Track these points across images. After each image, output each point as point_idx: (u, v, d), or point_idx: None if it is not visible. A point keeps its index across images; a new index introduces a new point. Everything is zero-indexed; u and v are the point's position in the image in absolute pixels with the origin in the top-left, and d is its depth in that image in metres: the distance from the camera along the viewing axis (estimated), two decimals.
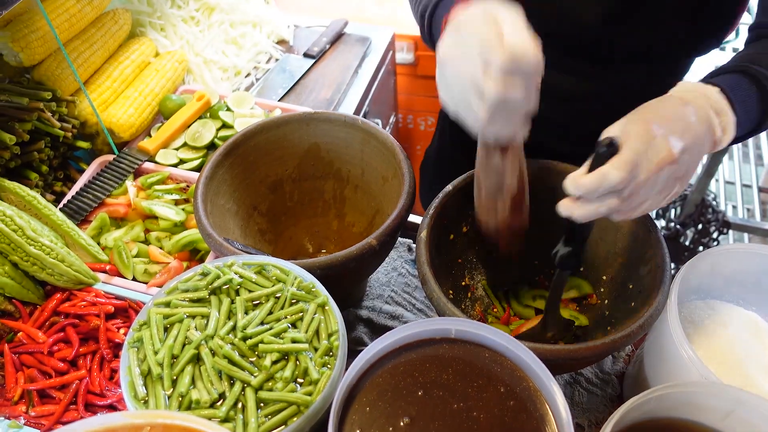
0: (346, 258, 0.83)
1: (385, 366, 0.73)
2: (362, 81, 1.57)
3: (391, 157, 0.98)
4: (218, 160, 0.98)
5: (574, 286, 0.96)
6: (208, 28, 1.52)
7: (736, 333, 0.86)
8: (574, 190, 0.67)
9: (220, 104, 1.31)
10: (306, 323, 0.74)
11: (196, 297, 0.77)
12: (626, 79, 0.96)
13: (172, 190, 1.15)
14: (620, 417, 0.65)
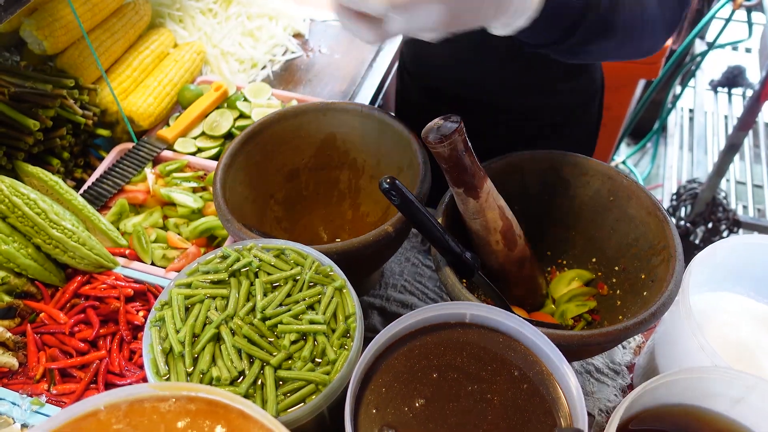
0: (362, 244, 0.84)
1: (401, 349, 0.74)
2: (376, 75, 1.58)
3: (406, 147, 0.99)
4: (237, 147, 1.00)
5: (575, 277, 0.97)
6: (226, 20, 1.54)
7: (747, 324, 0.87)
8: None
9: (238, 95, 1.33)
10: (324, 305, 0.75)
11: (216, 279, 0.78)
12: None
13: (190, 177, 1.17)
14: (630, 402, 0.66)
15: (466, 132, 0.79)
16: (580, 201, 0.96)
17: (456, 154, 0.79)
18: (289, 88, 1.51)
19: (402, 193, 0.75)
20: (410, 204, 0.76)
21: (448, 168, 0.81)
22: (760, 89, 1.83)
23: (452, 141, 0.78)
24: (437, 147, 0.78)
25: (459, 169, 0.81)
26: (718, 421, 0.73)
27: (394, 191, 0.74)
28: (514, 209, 0.95)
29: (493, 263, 0.91)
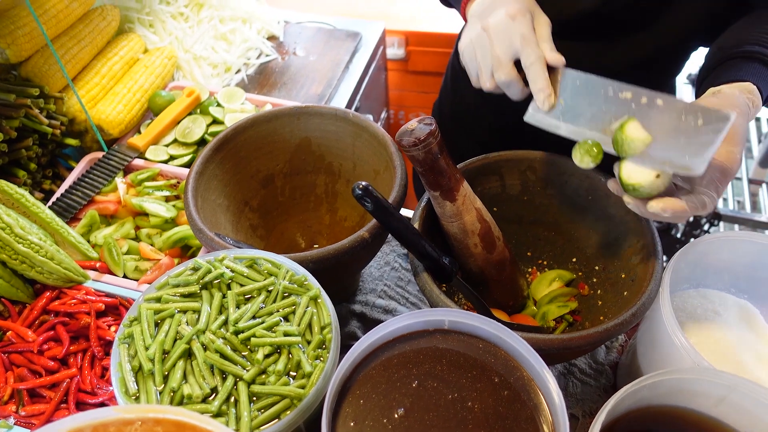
0: (338, 251, 0.82)
1: (379, 358, 0.72)
2: (353, 76, 1.57)
3: (382, 150, 0.98)
4: (209, 155, 0.97)
5: (555, 278, 0.96)
6: (198, 24, 1.51)
7: (728, 320, 0.86)
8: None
9: (211, 100, 1.30)
10: (298, 316, 0.73)
11: (187, 292, 0.76)
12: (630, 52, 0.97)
13: (163, 186, 1.14)
14: (614, 405, 0.65)
15: (441, 135, 0.77)
16: (560, 200, 0.95)
17: (431, 157, 0.77)
18: (264, 91, 1.48)
19: (375, 198, 0.73)
20: (384, 210, 0.74)
21: (424, 171, 0.80)
22: None
23: (427, 144, 0.76)
24: (411, 150, 0.77)
25: (434, 172, 0.80)
26: (701, 420, 0.72)
27: (367, 197, 0.72)
28: (492, 210, 0.94)
29: (473, 266, 0.90)
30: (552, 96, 0.78)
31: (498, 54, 0.78)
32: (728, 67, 0.81)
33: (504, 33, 0.77)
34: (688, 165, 0.68)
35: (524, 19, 0.77)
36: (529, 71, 0.77)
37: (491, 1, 0.81)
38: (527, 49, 0.76)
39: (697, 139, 0.68)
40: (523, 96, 0.81)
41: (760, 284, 0.87)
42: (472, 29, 0.81)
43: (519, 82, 0.79)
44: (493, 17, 0.78)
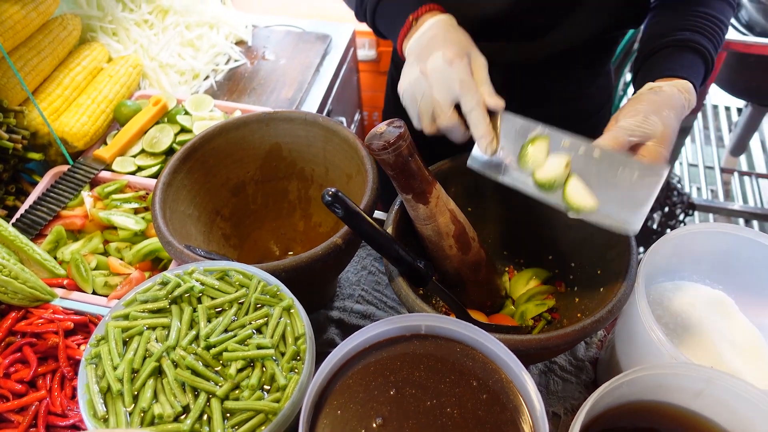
0: (311, 259, 0.81)
1: (356, 367, 0.71)
2: (324, 79, 1.55)
3: (354, 154, 0.96)
4: (176, 165, 0.95)
5: (532, 276, 0.96)
6: (163, 31, 1.48)
7: (705, 312, 0.87)
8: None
9: (178, 108, 1.28)
10: (271, 328, 0.72)
11: (155, 307, 0.74)
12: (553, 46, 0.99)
13: (131, 198, 1.11)
14: (592, 404, 0.64)
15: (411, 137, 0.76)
16: (534, 198, 0.95)
17: (401, 160, 0.76)
18: (234, 97, 1.46)
19: (346, 204, 0.72)
20: (355, 216, 0.73)
21: (395, 175, 0.79)
22: None
23: (396, 147, 0.75)
24: (381, 154, 0.76)
25: (406, 175, 0.79)
26: (680, 414, 0.72)
27: (337, 204, 0.71)
28: (467, 211, 0.93)
29: (449, 268, 0.89)
30: (494, 141, 0.78)
31: (438, 99, 0.78)
32: (663, 58, 0.84)
33: (442, 78, 0.77)
34: (625, 222, 0.72)
35: (461, 63, 0.76)
36: (469, 117, 0.77)
37: (428, 40, 0.80)
38: (467, 94, 0.76)
39: (633, 194, 0.71)
40: (465, 139, 0.81)
41: (734, 275, 0.87)
42: (411, 72, 0.80)
43: (461, 127, 0.79)
44: (431, 62, 0.77)
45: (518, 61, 1.01)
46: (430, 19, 0.83)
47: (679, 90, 0.79)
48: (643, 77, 0.84)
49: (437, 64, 0.77)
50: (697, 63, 0.83)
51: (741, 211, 2.22)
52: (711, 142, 2.63)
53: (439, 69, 0.77)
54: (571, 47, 0.98)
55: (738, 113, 2.69)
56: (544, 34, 0.96)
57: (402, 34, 0.85)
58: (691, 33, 0.85)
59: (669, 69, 0.81)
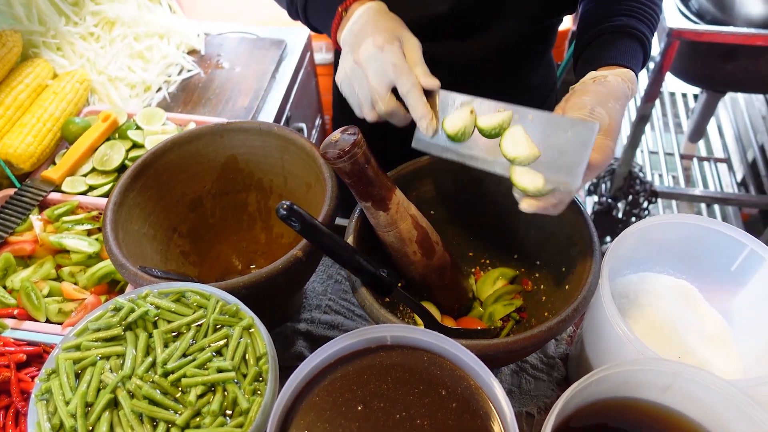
0: (271, 274, 0.78)
1: (321, 383, 0.69)
2: (281, 85, 1.52)
3: (311, 162, 0.94)
4: (127, 183, 0.92)
5: (498, 276, 0.95)
6: (110, 44, 1.44)
7: (670, 303, 0.87)
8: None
9: (129, 123, 1.24)
10: (232, 349, 0.69)
11: (109, 335, 0.71)
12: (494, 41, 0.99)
13: (83, 219, 1.07)
14: (562, 406, 0.63)
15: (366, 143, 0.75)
16: (495, 197, 0.94)
17: (358, 167, 0.74)
18: (188, 109, 1.42)
19: (302, 218, 0.69)
20: (313, 228, 0.71)
21: (352, 183, 0.77)
22: (661, 61, 1.89)
23: (352, 154, 0.73)
24: (337, 162, 0.74)
25: (364, 183, 0.77)
26: (649, 409, 0.72)
27: (293, 217, 0.69)
28: (429, 214, 0.92)
29: (414, 274, 0.88)
30: (433, 120, 0.78)
31: (374, 86, 0.77)
32: (602, 45, 0.85)
33: (375, 64, 0.76)
34: (565, 180, 0.72)
35: (392, 47, 0.76)
36: (407, 99, 0.77)
37: (359, 29, 0.80)
38: (401, 77, 0.76)
39: (569, 153, 0.71)
40: (407, 122, 0.81)
41: (697, 264, 0.88)
42: (346, 62, 0.81)
43: (400, 110, 0.79)
44: (363, 49, 0.78)
45: (463, 59, 1.01)
46: (359, 8, 0.82)
47: (623, 79, 0.80)
48: (585, 66, 0.85)
49: (369, 51, 0.77)
50: (636, 49, 0.85)
51: (702, 196, 2.27)
52: (670, 129, 2.68)
53: (372, 56, 0.77)
54: (509, 39, 0.99)
55: (695, 99, 2.75)
56: (486, 29, 0.97)
57: (334, 26, 0.85)
58: (627, 18, 0.86)
59: (610, 57, 0.82)
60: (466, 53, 1.00)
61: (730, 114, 2.67)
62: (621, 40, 0.85)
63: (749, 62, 1.87)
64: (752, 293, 0.85)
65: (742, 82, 1.95)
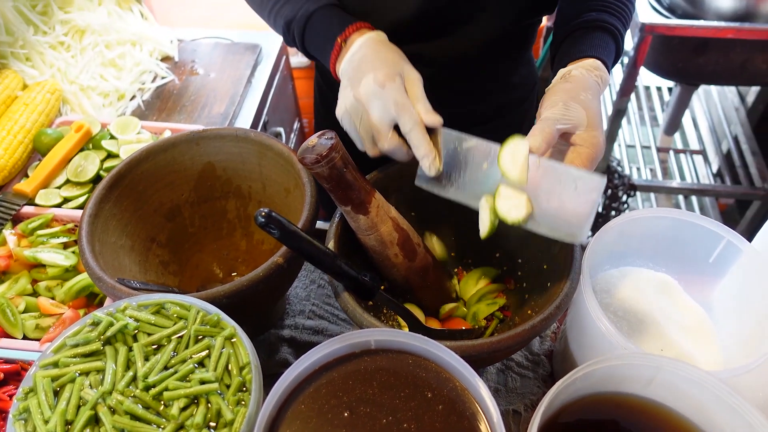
0: (252, 282, 0.77)
1: (306, 391, 0.69)
2: (257, 90, 1.51)
3: (290, 167, 0.94)
4: (102, 194, 0.90)
5: (481, 276, 0.95)
6: (81, 53, 1.41)
7: (651, 296, 0.88)
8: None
9: (103, 133, 1.21)
10: (214, 360, 0.68)
11: (88, 351, 0.69)
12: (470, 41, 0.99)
13: (59, 233, 1.05)
14: (548, 404, 0.64)
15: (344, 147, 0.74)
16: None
17: (336, 172, 0.74)
18: (164, 116, 1.40)
19: (281, 224, 0.69)
20: (292, 235, 0.70)
21: (331, 187, 0.76)
22: (635, 55, 1.91)
23: (330, 159, 0.72)
24: (315, 168, 0.73)
25: (343, 187, 0.76)
26: (634, 402, 0.72)
27: (271, 224, 0.68)
28: (410, 216, 0.92)
29: (396, 277, 0.87)
30: (436, 160, 0.78)
31: (375, 124, 0.77)
32: (573, 42, 0.86)
33: (377, 102, 0.75)
34: (572, 234, 0.72)
35: (394, 84, 0.75)
36: (409, 138, 0.76)
37: (358, 61, 0.79)
38: (404, 115, 0.75)
39: (575, 207, 0.71)
40: (409, 158, 0.80)
41: (675, 256, 0.89)
42: (347, 97, 0.79)
43: (403, 147, 0.78)
44: (364, 86, 0.76)
45: (439, 59, 1.00)
46: (359, 39, 0.82)
47: (587, 70, 0.80)
48: (558, 64, 0.86)
49: (369, 87, 0.76)
50: (606, 40, 0.85)
51: (680, 188, 2.30)
52: (646, 122, 2.71)
53: (372, 93, 0.76)
54: (488, 39, 0.99)
55: (669, 93, 2.79)
56: (459, 30, 0.96)
57: (333, 57, 0.84)
58: (597, 13, 0.87)
59: (579, 51, 0.83)
60: (446, 53, 1.00)
61: (704, 106, 2.71)
62: (592, 33, 0.86)
63: (720, 55, 1.90)
64: (730, 284, 0.86)
65: (714, 74, 1.98)
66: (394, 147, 0.78)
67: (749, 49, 1.86)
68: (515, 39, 1.05)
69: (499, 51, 1.04)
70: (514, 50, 1.08)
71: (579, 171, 0.71)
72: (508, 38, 1.02)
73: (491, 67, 1.07)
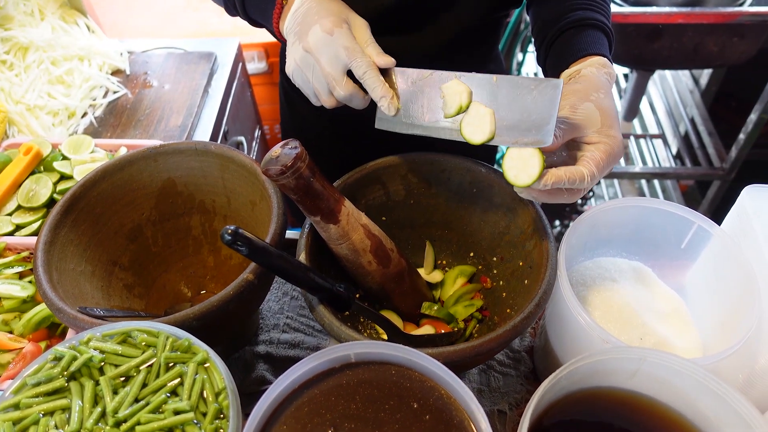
0: (223, 300, 0.74)
1: (287, 410, 0.66)
2: (215, 100, 1.47)
3: (254, 179, 0.91)
4: (57, 219, 0.86)
5: (458, 275, 0.94)
6: (25, 71, 1.35)
7: (626, 285, 0.88)
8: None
9: (54, 154, 1.16)
10: (188, 388, 0.65)
11: (51, 389, 0.65)
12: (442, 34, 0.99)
13: (12, 262, 1.00)
14: (535, 405, 0.63)
15: (310, 155, 0.72)
16: (446, 198, 0.93)
17: (303, 182, 0.72)
18: (119, 132, 1.35)
19: (249, 241, 0.66)
20: (261, 251, 0.67)
21: (299, 198, 0.74)
22: None
23: (295, 169, 0.70)
24: (280, 179, 0.70)
25: (311, 197, 0.74)
26: (618, 395, 0.72)
27: (239, 242, 0.65)
28: (381, 221, 0.90)
29: (372, 284, 0.85)
30: (395, 99, 0.78)
31: (329, 72, 0.76)
32: (568, 41, 0.85)
33: (327, 50, 0.75)
34: (537, 139, 0.70)
35: (341, 30, 0.75)
36: (364, 81, 0.76)
37: (303, 15, 0.78)
38: (356, 59, 0.75)
39: (538, 109, 0.71)
40: (366, 104, 0.80)
41: (647, 244, 0.89)
42: (295, 51, 0.79)
43: (359, 93, 0.78)
44: (311, 36, 0.76)
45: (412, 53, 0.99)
46: None
47: (597, 68, 0.78)
48: (555, 66, 0.83)
49: (318, 37, 0.75)
50: (601, 37, 0.84)
51: (642, 172, 2.34)
52: None
53: (322, 41, 0.75)
54: (459, 33, 0.98)
55: (626, 79, 2.83)
56: (433, 22, 0.95)
57: (275, 15, 0.83)
58: (583, 11, 0.86)
59: (579, 51, 0.81)
60: (415, 47, 0.99)
61: (660, 91, 2.76)
62: (585, 31, 0.84)
63: (673, 40, 1.94)
64: (702, 267, 0.87)
65: (669, 59, 2.02)
66: (350, 93, 0.77)
67: (700, 32, 1.90)
68: (484, 33, 1.05)
69: (469, 45, 1.04)
70: (484, 45, 1.07)
71: (536, 78, 0.72)
72: (477, 32, 1.02)
73: (461, 62, 1.06)
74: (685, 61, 2.04)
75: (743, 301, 0.75)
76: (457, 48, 1.02)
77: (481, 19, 0.98)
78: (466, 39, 1.01)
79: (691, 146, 2.48)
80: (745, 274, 0.76)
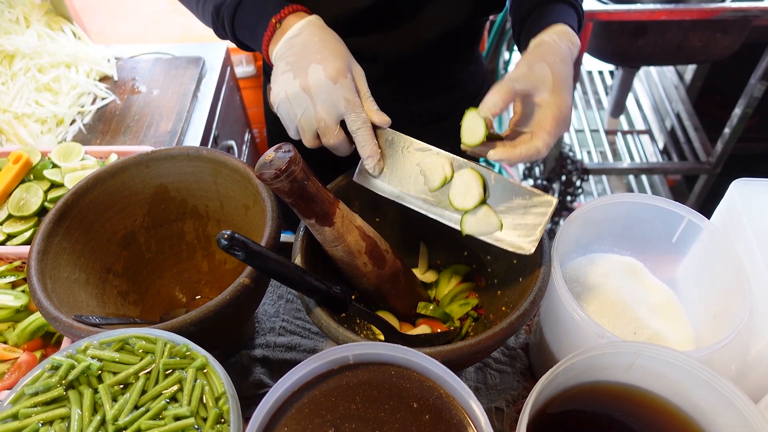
0: (219, 306, 0.74)
1: (288, 413, 0.66)
2: (204, 104, 1.46)
3: (247, 183, 0.91)
4: (50, 228, 0.85)
5: (452, 274, 0.95)
6: (12, 79, 1.34)
7: (619, 280, 0.89)
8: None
9: (44, 162, 1.15)
10: (187, 393, 0.65)
11: (49, 398, 0.65)
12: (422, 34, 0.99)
13: (5, 272, 0.99)
14: (534, 401, 0.63)
15: (303, 159, 0.72)
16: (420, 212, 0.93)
17: (297, 185, 0.72)
18: (108, 139, 1.35)
19: (245, 245, 0.66)
20: (258, 255, 0.68)
21: (293, 202, 0.74)
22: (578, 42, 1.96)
23: (290, 173, 0.70)
24: (274, 183, 0.71)
25: (305, 200, 0.74)
26: (614, 389, 0.73)
27: (235, 246, 0.65)
28: (375, 222, 0.90)
29: (367, 285, 0.86)
30: (381, 161, 0.80)
31: (323, 117, 0.75)
32: (537, 16, 0.86)
33: (327, 97, 0.74)
34: (521, 246, 0.75)
35: (346, 81, 0.75)
36: (356, 136, 0.77)
37: (301, 46, 0.77)
38: (353, 113, 0.75)
39: (526, 221, 0.75)
40: (350, 152, 0.80)
41: (638, 239, 0.90)
42: (288, 84, 0.76)
43: (347, 144, 0.78)
44: (313, 76, 0.74)
45: (390, 54, 0.99)
46: (297, 22, 0.79)
47: (558, 35, 0.80)
48: (525, 36, 0.86)
49: (320, 80, 0.74)
50: (568, 10, 0.85)
51: (630, 168, 2.36)
52: (592, 106, 2.77)
53: (324, 87, 0.74)
54: (438, 35, 0.98)
55: (611, 76, 2.86)
56: (410, 22, 0.95)
57: (266, 38, 0.81)
58: None
59: (545, 21, 0.83)
60: (394, 48, 0.99)
61: (646, 87, 2.79)
62: (554, 5, 0.86)
63: (657, 36, 1.96)
64: (693, 261, 0.88)
65: (653, 55, 2.04)
66: (339, 142, 0.77)
67: (684, 29, 1.92)
68: (464, 34, 1.05)
69: (449, 46, 1.04)
70: (464, 45, 1.08)
71: (532, 189, 0.75)
72: (457, 33, 1.02)
73: (441, 63, 1.06)
74: (669, 57, 2.06)
75: (734, 293, 0.76)
76: (437, 49, 1.02)
77: (464, 23, 0.99)
78: (444, 40, 1.01)
79: (677, 141, 2.51)
80: (735, 267, 0.77)
